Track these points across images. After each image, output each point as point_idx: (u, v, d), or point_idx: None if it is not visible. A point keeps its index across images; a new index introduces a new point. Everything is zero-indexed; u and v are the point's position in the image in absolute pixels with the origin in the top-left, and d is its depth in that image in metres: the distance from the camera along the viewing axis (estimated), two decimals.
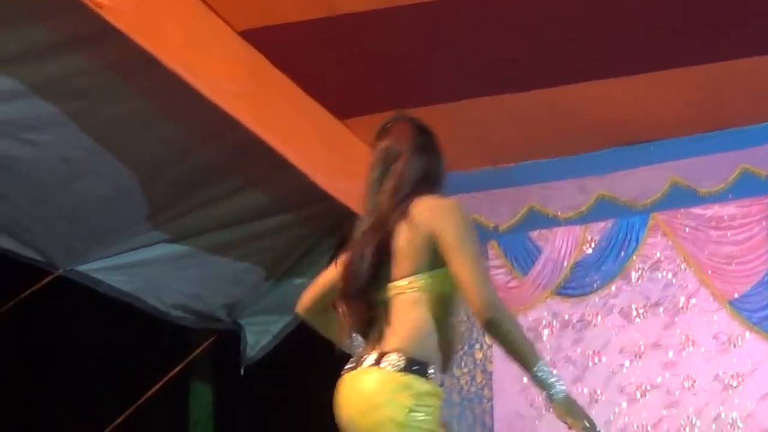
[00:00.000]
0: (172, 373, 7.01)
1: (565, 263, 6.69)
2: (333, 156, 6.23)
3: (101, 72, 5.08)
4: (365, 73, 5.90)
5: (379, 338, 3.61)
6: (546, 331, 6.68)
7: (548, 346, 6.67)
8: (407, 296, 3.62)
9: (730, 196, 6.41)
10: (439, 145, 3.86)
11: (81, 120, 5.34)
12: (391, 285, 3.64)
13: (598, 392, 6.49)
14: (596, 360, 6.55)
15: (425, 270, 3.61)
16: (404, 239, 3.63)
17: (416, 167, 3.75)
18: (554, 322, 6.69)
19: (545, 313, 6.72)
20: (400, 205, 3.67)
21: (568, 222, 6.72)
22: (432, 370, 3.57)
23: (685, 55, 5.85)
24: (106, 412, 6.92)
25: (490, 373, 6.78)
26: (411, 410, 3.51)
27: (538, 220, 6.80)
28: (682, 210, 6.50)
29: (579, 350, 6.60)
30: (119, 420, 6.86)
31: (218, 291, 7.00)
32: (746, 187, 6.37)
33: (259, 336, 7.21)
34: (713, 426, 6.27)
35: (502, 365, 6.75)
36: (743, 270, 6.33)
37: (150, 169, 5.90)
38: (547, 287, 6.70)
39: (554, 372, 3.51)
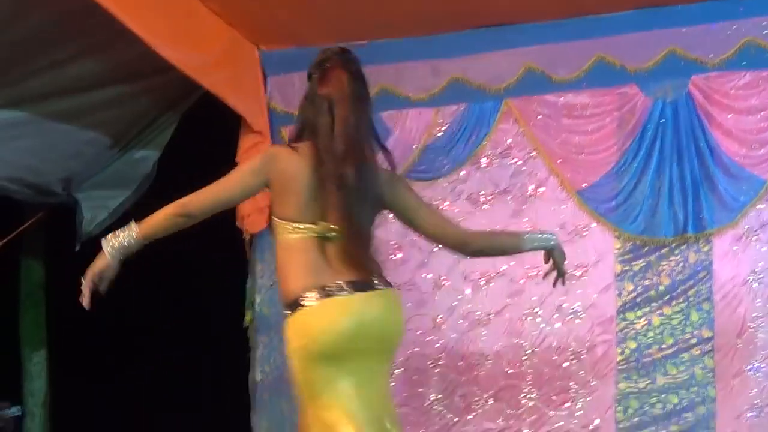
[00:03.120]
0: None
1: (415, 146, 6.57)
2: (176, 24, 5.94)
3: None
4: None
5: (363, 265, 4.05)
6: (392, 215, 6.57)
7: (394, 230, 6.57)
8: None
9: (583, 84, 6.34)
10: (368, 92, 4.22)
11: None
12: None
13: (443, 278, 6.45)
14: (441, 245, 6.47)
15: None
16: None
17: (359, 117, 4.10)
18: None
19: None
20: (372, 158, 4.11)
21: (420, 104, 6.59)
22: None
23: None
24: None
25: None
26: None
27: (390, 100, 6.63)
28: (535, 97, 6.41)
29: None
30: None
31: (56, 163, 6.74)
32: (600, 76, 6.30)
33: (95, 211, 6.97)
34: (555, 315, 6.30)
35: None
36: (593, 160, 6.30)
37: None
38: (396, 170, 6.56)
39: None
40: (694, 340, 6.08)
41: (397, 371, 6.47)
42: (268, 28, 6.63)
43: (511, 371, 6.33)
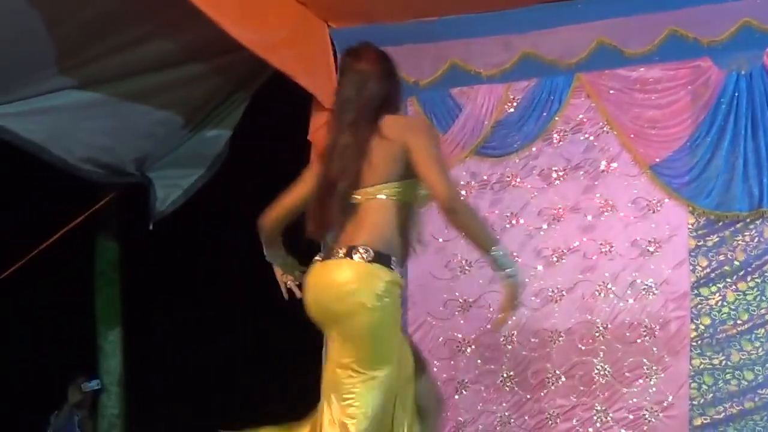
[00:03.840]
0: (72, 225, 6.87)
1: (486, 122, 6.55)
2: (245, 3, 5.98)
3: None
4: None
5: (348, 235, 4.30)
6: (464, 192, 6.57)
7: None
8: (376, 201, 4.31)
9: (656, 58, 6.27)
10: (398, 72, 4.65)
11: None
12: (362, 190, 4.33)
13: (515, 254, 6.40)
14: (514, 222, 6.48)
15: (395, 180, 4.33)
16: (377, 151, 4.32)
17: (383, 89, 4.46)
18: (473, 182, 6.59)
19: (464, 173, 6.60)
20: (373, 121, 4.35)
21: (491, 80, 6.56)
22: (394, 261, 4.31)
23: None
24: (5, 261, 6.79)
25: None
26: (379, 296, 4.23)
27: (460, 76, 6.63)
28: (606, 71, 6.35)
29: (497, 211, 6.51)
30: (16, 266, 6.75)
31: (129, 143, 6.83)
32: (673, 49, 6.22)
33: (168, 190, 7.05)
34: (628, 291, 6.25)
35: None
36: (666, 135, 6.23)
37: (56, 11, 5.64)
38: (467, 146, 6.57)
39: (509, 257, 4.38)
40: None
41: (468, 349, 6.49)
42: (338, 6, 6.63)
43: (584, 348, 6.29)
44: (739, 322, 6.06)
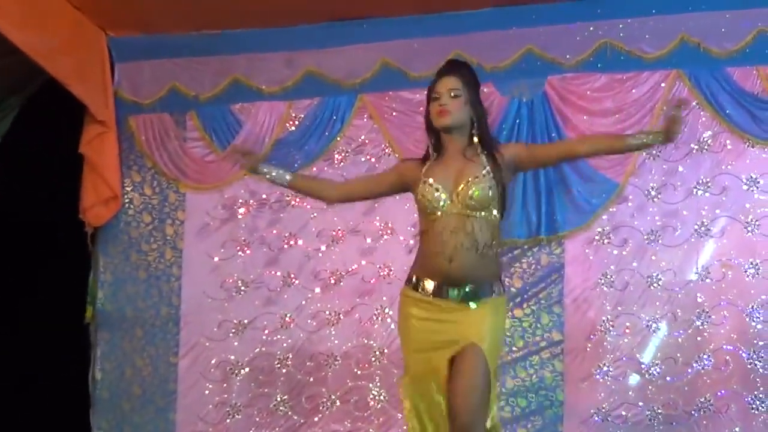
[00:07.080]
0: None
1: (267, 140, 6.50)
2: (24, 7, 5.80)
3: None
4: None
5: None
6: (242, 210, 6.51)
7: (243, 226, 6.52)
8: None
9: None
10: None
11: None
12: None
13: (292, 276, 6.35)
14: (292, 242, 6.42)
15: None
16: None
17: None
18: (251, 200, 6.54)
19: (242, 191, 6.54)
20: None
21: (273, 97, 6.51)
22: None
23: None
24: None
25: (181, 251, 6.54)
26: None
27: (242, 92, 6.57)
28: (390, 93, 6.38)
29: (275, 231, 6.47)
30: None
31: None
32: None
33: None
34: None
35: (193, 243, 6.53)
36: None
37: None
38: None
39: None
40: (543, 343, 6.09)
41: (242, 371, 6.37)
42: (117, 14, 6.47)
43: (360, 372, 6.27)
44: (514, 348, 6.11)
